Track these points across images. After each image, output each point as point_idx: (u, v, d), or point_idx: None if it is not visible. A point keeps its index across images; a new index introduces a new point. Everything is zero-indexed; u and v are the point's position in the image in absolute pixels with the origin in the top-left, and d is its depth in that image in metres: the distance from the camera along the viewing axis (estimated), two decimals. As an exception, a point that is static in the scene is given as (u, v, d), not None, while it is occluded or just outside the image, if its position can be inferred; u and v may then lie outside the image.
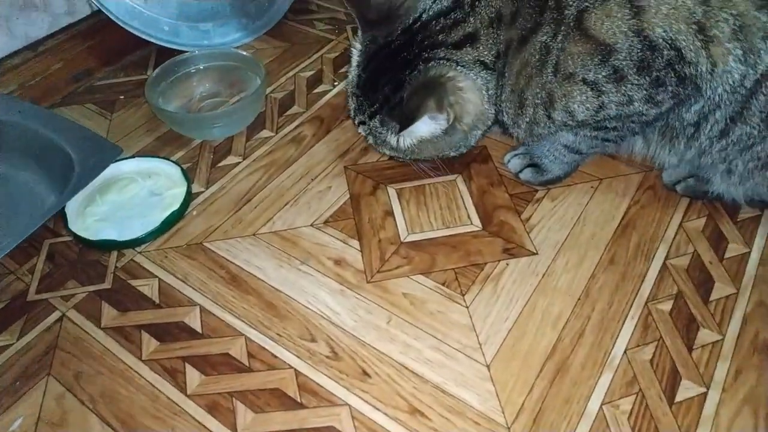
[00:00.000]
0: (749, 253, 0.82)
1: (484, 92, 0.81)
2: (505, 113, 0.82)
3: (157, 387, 0.70)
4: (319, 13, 1.38)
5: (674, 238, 0.84)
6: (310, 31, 1.32)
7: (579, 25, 0.71)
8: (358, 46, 0.85)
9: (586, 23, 0.70)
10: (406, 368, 0.71)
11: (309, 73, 1.19)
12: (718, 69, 0.69)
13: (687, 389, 0.68)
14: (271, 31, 1.30)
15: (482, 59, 0.79)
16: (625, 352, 0.71)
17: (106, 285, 0.82)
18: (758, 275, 0.79)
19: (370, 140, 0.89)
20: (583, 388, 0.68)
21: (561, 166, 0.91)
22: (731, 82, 0.70)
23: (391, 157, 0.93)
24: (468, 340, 0.73)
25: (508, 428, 0.65)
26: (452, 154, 0.89)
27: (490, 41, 0.79)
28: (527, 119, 0.81)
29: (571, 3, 0.71)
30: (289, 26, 1.33)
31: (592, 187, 0.92)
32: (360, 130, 0.89)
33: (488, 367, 0.71)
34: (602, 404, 0.67)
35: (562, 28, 0.72)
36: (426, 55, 0.78)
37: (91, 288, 0.81)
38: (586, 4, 0.70)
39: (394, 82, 0.80)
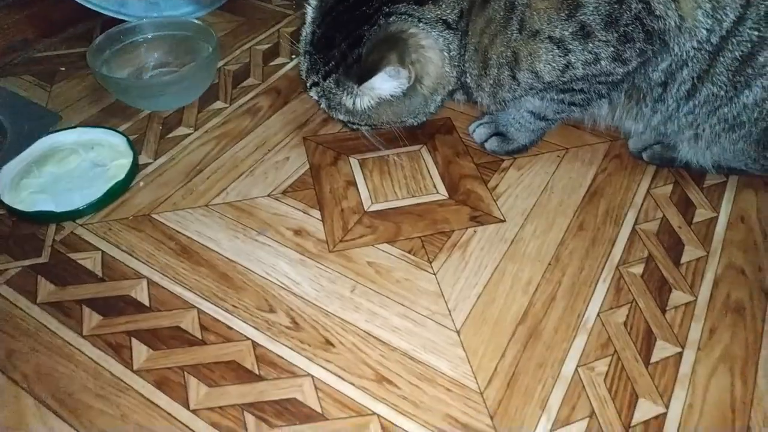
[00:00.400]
0: (717, 217, 0.81)
1: (445, 53, 0.77)
2: (468, 75, 0.79)
3: (100, 363, 0.64)
4: (276, -10, 1.33)
5: (642, 204, 0.83)
6: (267, 6, 1.27)
7: None
8: (313, 2, 0.80)
9: None
10: (372, 336, 0.67)
11: (265, 46, 1.14)
12: (687, 24, 0.68)
13: (663, 349, 0.66)
14: (225, 6, 1.25)
15: (444, 18, 0.75)
16: (598, 315, 0.69)
17: (43, 259, 0.75)
18: (726, 238, 0.78)
19: (323, 104, 0.83)
20: (556, 351, 0.65)
21: (527, 135, 0.89)
22: (699, 38, 0.69)
23: (344, 125, 0.87)
24: (437, 307, 0.70)
25: (481, 393, 0.62)
26: (411, 121, 0.85)
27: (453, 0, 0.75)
28: (491, 81, 0.78)
29: None
30: (243, 1, 1.27)
31: (558, 156, 0.90)
32: (312, 93, 0.83)
33: (458, 332, 0.67)
34: (577, 367, 0.64)
35: None
36: (387, 9, 0.74)
37: (27, 262, 0.74)
38: None
39: (351, 37, 0.75)
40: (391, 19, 0.74)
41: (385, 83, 0.75)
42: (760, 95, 0.71)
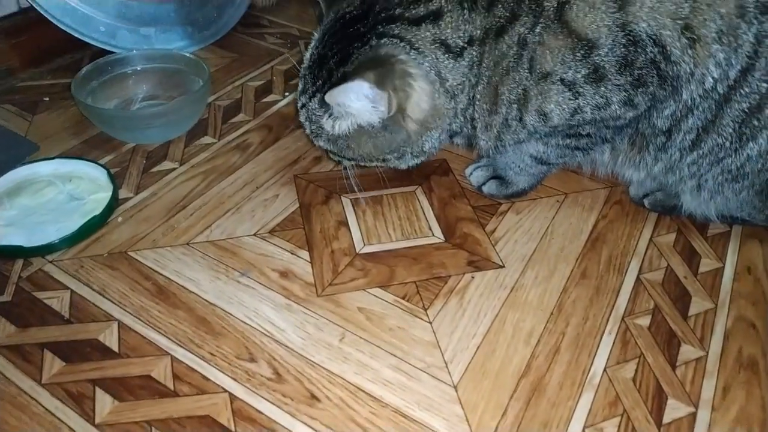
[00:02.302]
0: (722, 267, 0.78)
1: (437, 85, 0.70)
2: (478, 109, 0.74)
3: (57, 416, 0.58)
4: (271, 28, 1.32)
5: (646, 252, 0.79)
6: (261, 44, 1.25)
7: (560, 17, 0.66)
8: (318, 32, 0.76)
9: (567, 16, 0.65)
10: (362, 391, 0.61)
11: (258, 83, 1.12)
12: (698, 71, 0.66)
13: (675, 409, 0.61)
14: (219, 42, 1.23)
15: (444, 39, 0.69)
16: (605, 369, 0.64)
17: (5, 297, 0.69)
18: (734, 290, 0.75)
19: (307, 128, 0.77)
20: (562, 409, 0.60)
21: (527, 178, 0.86)
22: (705, 87, 0.67)
23: (327, 155, 0.83)
24: (432, 359, 0.64)
25: (481, 457, 0.56)
26: (395, 162, 0.77)
27: (458, 21, 0.69)
28: (500, 120, 0.73)
29: None
30: (238, 38, 1.26)
31: (557, 201, 0.87)
32: (301, 116, 0.77)
33: (456, 387, 0.62)
34: (585, 427, 0.59)
35: (541, 20, 0.66)
36: (380, 29, 0.69)
37: (-14, 301, 0.69)
38: None
39: (341, 55, 0.70)
40: (382, 41, 0.69)
41: (356, 101, 0.68)
42: (765, 147, 0.69)
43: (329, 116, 0.72)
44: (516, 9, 0.67)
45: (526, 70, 0.68)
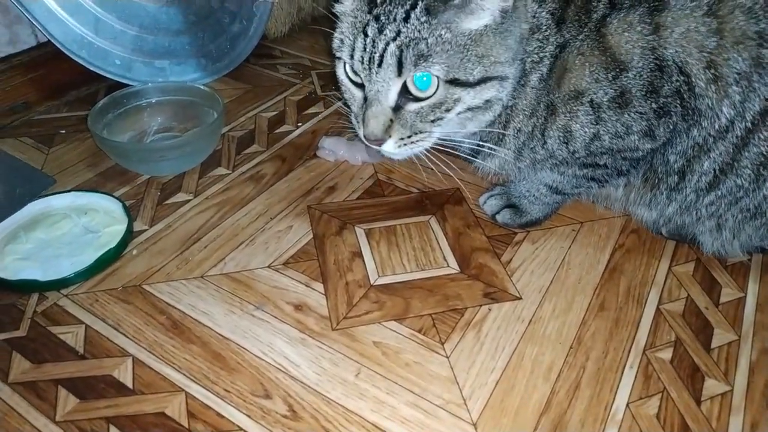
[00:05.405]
0: (744, 297, 0.76)
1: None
2: (526, 100, 0.70)
3: (70, 456, 0.57)
4: (283, 59, 1.33)
5: (665, 282, 0.78)
6: (273, 75, 1.26)
7: (599, 29, 0.66)
8: None
9: (606, 29, 0.65)
10: (379, 429, 0.60)
11: (271, 114, 1.12)
12: (715, 108, 0.66)
13: (702, 448, 0.59)
14: (232, 73, 1.24)
15: None
16: (627, 405, 0.63)
17: (20, 332, 0.69)
18: (757, 321, 0.73)
19: (409, 57, 0.61)
20: (585, 448, 0.59)
21: (541, 208, 0.85)
22: (716, 126, 0.67)
23: (431, 117, 0.66)
24: (450, 395, 0.63)
25: (503, 499, 0.54)
26: (510, 83, 0.67)
27: None
28: (530, 127, 0.72)
29: (597, 6, 0.66)
30: (251, 69, 1.27)
31: (573, 230, 0.86)
32: (385, 62, 0.62)
33: (475, 425, 0.60)
34: (609, 467, 0.57)
35: (585, 30, 0.66)
36: None
37: (2, 336, 0.68)
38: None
39: None
40: None
41: None
42: None
43: (446, 22, 0.62)
44: (565, 10, 0.67)
45: (554, 82, 0.68)
